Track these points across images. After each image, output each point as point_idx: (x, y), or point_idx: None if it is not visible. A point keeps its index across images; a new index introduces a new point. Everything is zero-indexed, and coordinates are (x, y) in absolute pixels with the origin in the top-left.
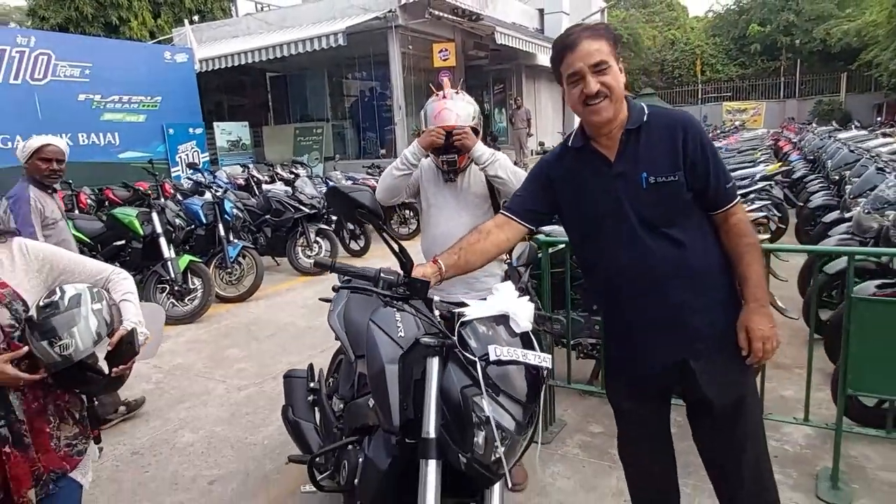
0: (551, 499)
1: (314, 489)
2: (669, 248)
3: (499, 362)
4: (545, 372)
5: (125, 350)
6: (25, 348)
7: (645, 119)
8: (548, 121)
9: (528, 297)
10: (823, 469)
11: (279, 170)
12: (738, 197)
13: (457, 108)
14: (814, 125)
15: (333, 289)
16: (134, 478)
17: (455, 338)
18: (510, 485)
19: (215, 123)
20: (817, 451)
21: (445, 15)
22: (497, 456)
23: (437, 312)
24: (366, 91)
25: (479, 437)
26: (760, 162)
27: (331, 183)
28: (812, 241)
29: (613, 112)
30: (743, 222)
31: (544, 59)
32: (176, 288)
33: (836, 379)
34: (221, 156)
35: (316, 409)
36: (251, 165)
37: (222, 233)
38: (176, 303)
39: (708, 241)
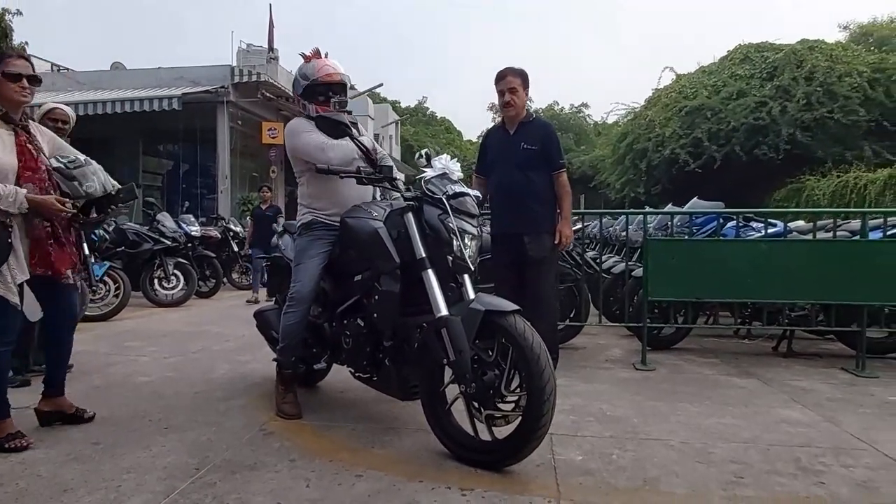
0: None
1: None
2: (525, 180)
3: (455, 195)
4: (479, 198)
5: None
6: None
7: (530, 120)
8: None
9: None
10: (637, 360)
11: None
12: (563, 168)
13: (334, 63)
14: None
15: (280, 232)
16: (113, 403)
17: (422, 193)
18: (475, 270)
19: None
20: (630, 356)
21: (275, 98)
22: (469, 252)
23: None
24: (182, 161)
25: (455, 244)
26: None
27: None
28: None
29: (515, 112)
30: (563, 181)
31: None
32: None
33: (641, 300)
34: None
35: None
36: None
37: (87, 252)
38: None
39: (546, 182)
